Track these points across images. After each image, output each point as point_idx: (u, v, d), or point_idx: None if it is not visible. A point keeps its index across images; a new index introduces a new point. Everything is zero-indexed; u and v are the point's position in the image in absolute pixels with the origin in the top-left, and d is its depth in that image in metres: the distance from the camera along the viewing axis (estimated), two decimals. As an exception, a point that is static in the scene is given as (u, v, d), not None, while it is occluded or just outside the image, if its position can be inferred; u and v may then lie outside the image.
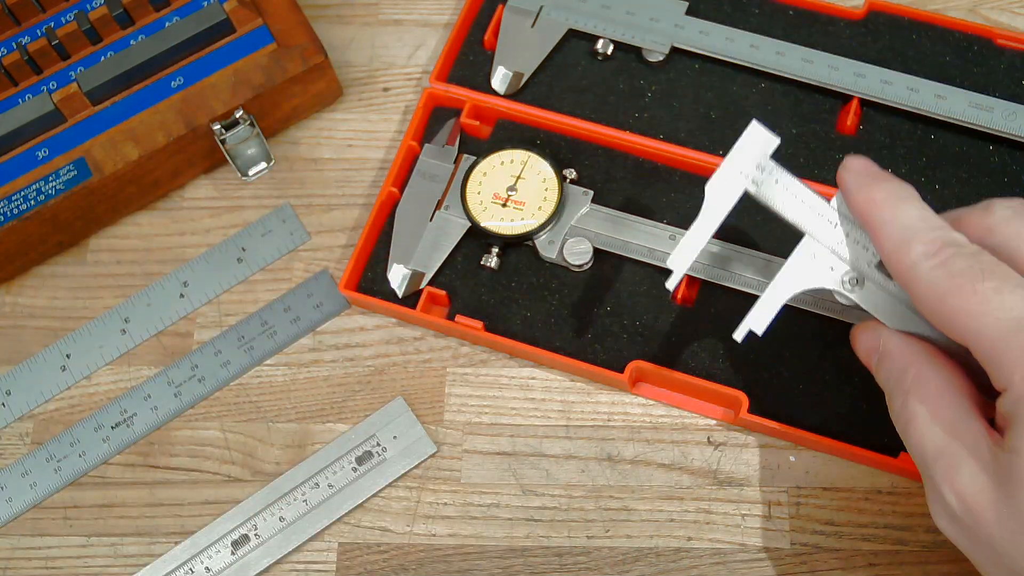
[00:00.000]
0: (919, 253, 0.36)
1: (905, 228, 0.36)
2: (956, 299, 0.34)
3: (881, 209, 0.37)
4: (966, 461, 0.35)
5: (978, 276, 0.34)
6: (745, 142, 0.39)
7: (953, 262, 0.35)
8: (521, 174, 0.51)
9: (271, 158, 0.55)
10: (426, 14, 0.59)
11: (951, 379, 0.37)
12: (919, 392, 0.37)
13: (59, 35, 0.53)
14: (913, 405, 0.37)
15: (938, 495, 0.36)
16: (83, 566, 0.49)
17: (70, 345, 0.52)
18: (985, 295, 0.34)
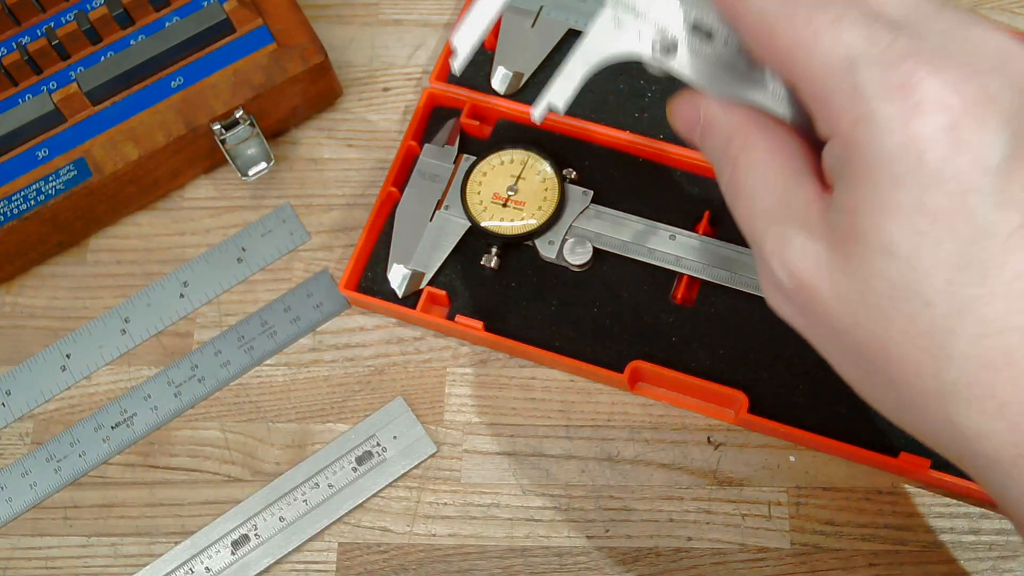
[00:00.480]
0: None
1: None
2: (787, 29, 0.30)
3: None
4: (796, 230, 0.31)
5: (815, 4, 0.30)
6: None
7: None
8: (521, 174, 0.51)
9: (271, 158, 0.55)
10: (426, 14, 0.59)
11: (781, 142, 0.33)
12: (746, 158, 0.33)
13: (59, 35, 0.53)
14: (740, 174, 0.33)
15: (769, 271, 0.32)
16: (83, 566, 0.49)
17: (70, 345, 0.52)
18: (819, 27, 0.29)
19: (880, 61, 0.28)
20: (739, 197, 0.34)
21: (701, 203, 0.51)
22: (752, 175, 0.33)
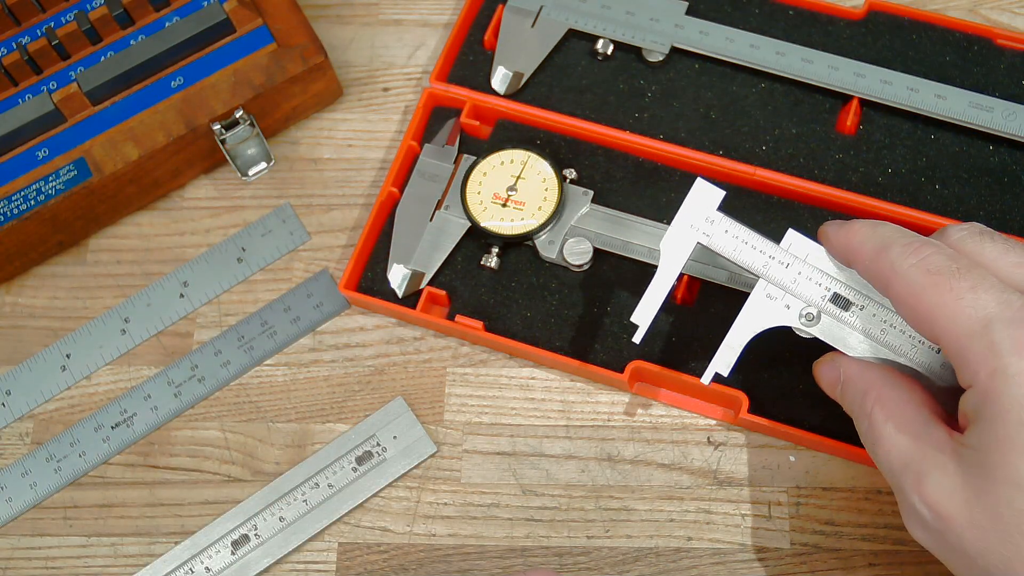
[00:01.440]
0: (897, 254, 0.37)
1: (882, 238, 0.38)
2: (932, 295, 0.35)
3: (858, 233, 0.39)
4: (932, 468, 0.36)
5: (955, 274, 0.35)
6: (693, 198, 0.42)
7: (931, 259, 0.36)
8: (521, 174, 0.51)
9: (271, 158, 0.56)
10: (426, 14, 0.59)
11: (910, 394, 0.38)
12: (881, 411, 0.38)
13: (59, 35, 0.53)
14: (877, 424, 0.38)
15: (909, 506, 0.37)
16: (83, 566, 0.49)
17: (70, 345, 0.52)
18: (960, 292, 0.35)
19: (1012, 321, 0.34)
20: (877, 443, 0.38)
21: (701, 203, 0.51)
22: (887, 426, 0.38)
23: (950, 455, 0.35)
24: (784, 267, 0.41)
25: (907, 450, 0.37)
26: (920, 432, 0.37)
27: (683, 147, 0.52)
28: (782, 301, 0.41)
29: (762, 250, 0.41)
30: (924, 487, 0.36)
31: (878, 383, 0.39)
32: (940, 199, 0.50)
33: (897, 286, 0.37)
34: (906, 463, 0.37)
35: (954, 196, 0.50)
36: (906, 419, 0.38)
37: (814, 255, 0.41)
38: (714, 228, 0.42)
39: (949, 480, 0.35)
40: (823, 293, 0.41)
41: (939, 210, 0.49)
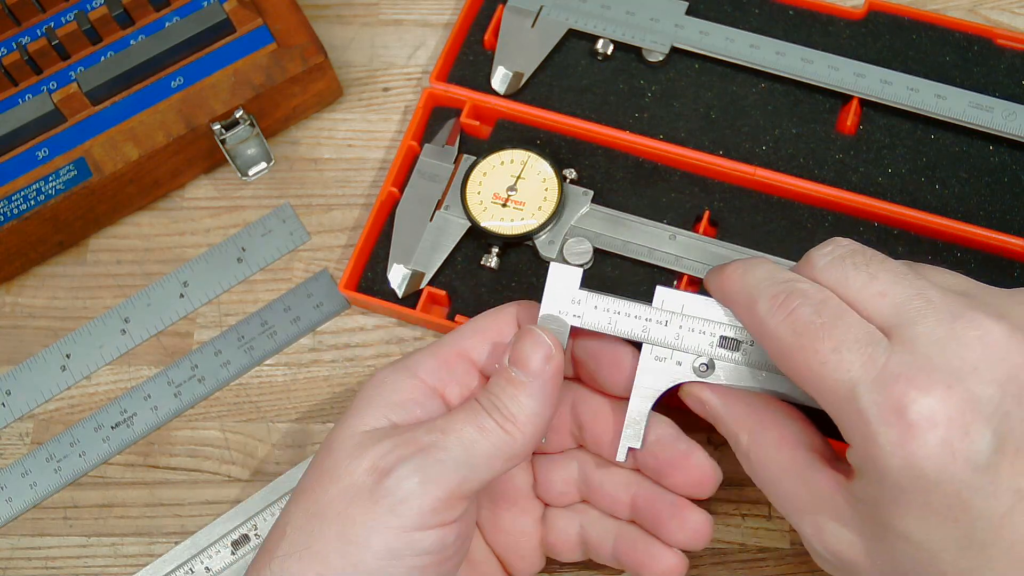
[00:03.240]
0: (764, 309, 0.36)
1: (751, 288, 0.37)
2: (799, 358, 0.34)
3: (732, 280, 0.38)
4: (829, 518, 0.36)
5: (819, 332, 0.34)
6: (552, 284, 0.40)
7: (798, 314, 0.35)
8: (521, 174, 0.51)
9: (271, 158, 0.56)
10: (426, 14, 0.59)
11: (784, 431, 0.38)
12: (758, 456, 0.38)
13: (59, 35, 0.53)
14: (759, 468, 0.38)
15: (812, 550, 0.37)
16: (83, 566, 0.49)
17: (70, 345, 0.52)
18: (824, 355, 0.34)
19: (876, 384, 0.33)
20: (765, 487, 0.38)
21: (701, 203, 0.51)
22: (769, 471, 0.38)
23: (843, 503, 0.35)
24: (663, 326, 0.40)
25: (798, 497, 0.37)
26: (806, 477, 0.36)
27: (683, 147, 0.52)
28: (672, 359, 0.40)
29: (637, 315, 0.40)
30: (825, 536, 0.36)
31: (746, 423, 0.38)
32: (940, 199, 0.50)
33: (768, 344, 0.36)
34: (800, 510, 0.37)
35: (954, 196, 0.50)
36: (788, 464, 0.37)
37: (689, 305, 0.40)
38: (583, 308, 0.40)
39: (847, 530, 0.35)
40: (710, 340, 0.39)
41: (939, 210, 0.49)
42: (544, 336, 0.38)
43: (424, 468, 0.35)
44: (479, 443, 0.36)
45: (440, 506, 0.35)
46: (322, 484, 0.36)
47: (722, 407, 0.39)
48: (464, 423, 0.36)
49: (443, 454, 0.36)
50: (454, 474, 0.35)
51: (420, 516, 0.35)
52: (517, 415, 0.37)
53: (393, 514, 0.35)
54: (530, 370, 0.37)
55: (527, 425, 0.37)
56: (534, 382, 0.37)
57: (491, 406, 0.37)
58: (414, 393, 0.39)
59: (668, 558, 0.41)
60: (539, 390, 0.37)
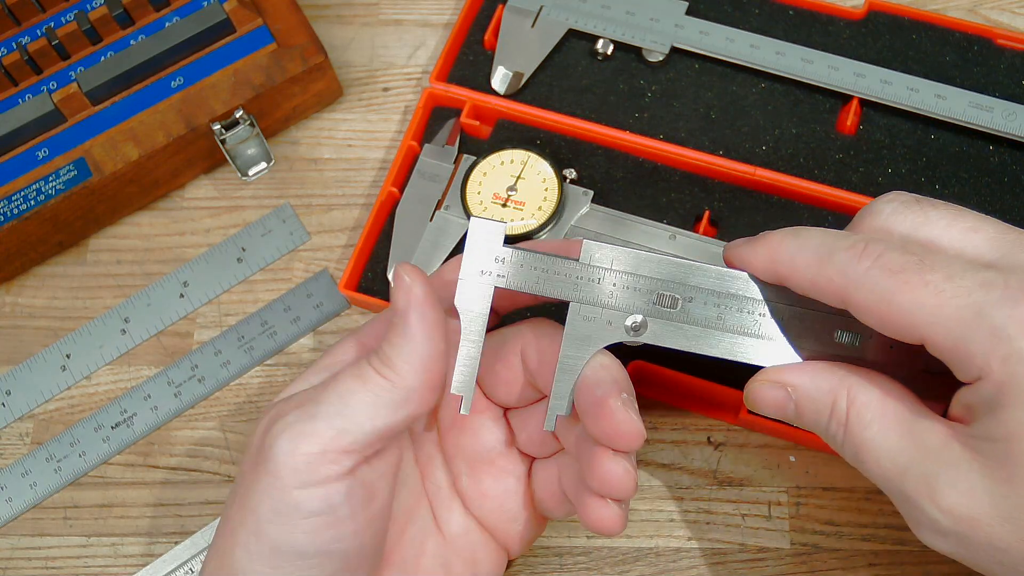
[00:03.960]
0: (845, 259, 0.33)
1: (818, 247, 0.34)
2: (906, 295, 0.32)
3: (783, 245, 0.35)
4: (942, 468, 0.32)
5: (921, 267, 0.32)
6: (472, 241, 0.37)
7: (887, 258, 0.33)
8: (521, 174, 0.51)
9: (271, 158, 0.56)
10: (426, 14, 0.59)
11: (885, 387, 0.35)
12: (859, 415, 0.34)
13: (59, 35, 0.53)
14: (857, 432, 0.34)
15: (920, 513, 0.33)
16: (83, 566, 0.49)
17: (70, 345, 0.52)
18: (937, 285, 0.32)
19: (1004, 301, 0.31)
20: (863, 453, 0.34)
21: (701, 203, 0.51)
22: (871, 430, 0.34)
23: (961, 451, 0.32)
24: (595, 283, 0.37)
25: (903, 453, 0.33)
26: (913, 429, 0.33)
27: (683, 147, 0.52)
28: (602, 318, 0.37)
29: (567, 273, 0.37)
30: (937, 491, 0.32)
31: (844, 384, 0.35)
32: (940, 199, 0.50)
33: (858, 296, 0.33)
34: (904, 468, 0.33)
35: (954, 196, 0.50)
36: (892, 418, 0.34)
37: (619, 259, 0.37)
38: (507, 267, 0.37)
39: (966, 478, 0.32)
40: (646, 298, 0.37)
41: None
42: (403, 272, 0.36)
43: (295, 424, 0.34)
44: (356, 393, 0.34)
45: (316, 461, 0.33)
46: (242, 469, 0.36)
47: (811, 380, 0.36)
48: (346, 376, 0.35)
49: (316, 409, 0.34)
50: (327, 428, 0.34)
51: (295, 473, 0.33)
52: (393, 358, 0.34)
53: (271, 475, 0.34)
54: (396, 309, 0.35)
55: (405, 368, 0.34)
56: (401, 320, 0.35)
57: (372, 355, 0.35)
58: (347, 354, 0.38)
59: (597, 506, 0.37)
60: (408, 328, 0.35)
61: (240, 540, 0.35)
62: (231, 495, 0.36)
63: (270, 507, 0.34)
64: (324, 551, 0.34)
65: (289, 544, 0.34)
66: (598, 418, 0.35)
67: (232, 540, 0.35)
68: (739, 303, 0.37)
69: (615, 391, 0.36)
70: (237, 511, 0.35)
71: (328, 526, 0.34)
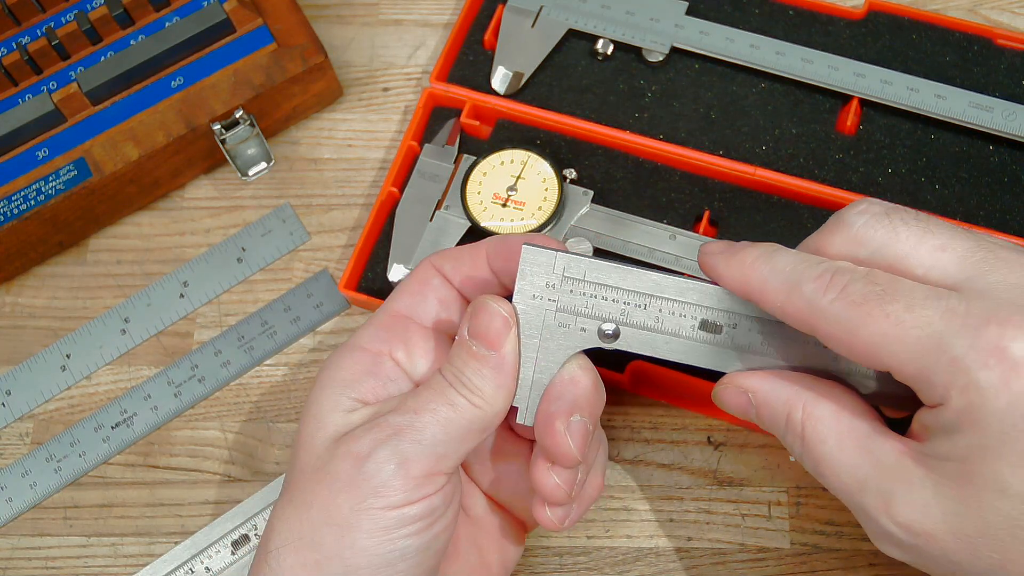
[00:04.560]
0: (811, 291, 0.34)
1: (787, 274, 0.35)
2: (869, 327, 0.33)
3: (755, 268, 0.36)
4: (898, 485, 0.34)
5: (883, 298, 0.33)
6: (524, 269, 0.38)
7: (851, 289, 0.33)
8: (521, 174, 0.51)
9: (271, 158, 0.56)
10: (426, 14, 0.59)
11: (840, 402, 0.36)
12: (815, 430, 0.36)
13: (59, 35, 0.53)
14: (814, 445, 0.36)
15: (876, 526, 0.34)
16: (83, 566, 0.49)
17: (70, 345, 0.52)
18: (898, 316, 0.32)
19: (965, 330, 0.31)
20: (821, 466, 0.36)
21: (701, 203, 0.51)
22: (826, 445, 0.35)
23: (915, 468, 0.33)
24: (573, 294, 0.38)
25: (859, 469, 0.34)
26: (868, 446, 0.35)
27: (683, 147, 0.52)
28: (576, 325, 0.38)
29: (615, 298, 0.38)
30: (894, 507, 0.34)
31: (800, 398, 0.36)
32: (940, 199, 0.50)
33: (824, 327, 0.34)
34: (862, 483, 0.34)
35: (954, 196, 0.50)
36: (847, 434, 0.35)
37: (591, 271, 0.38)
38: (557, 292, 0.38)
39: (921, 495, 0.33)
40: (620, 308, 0.38)
41: (939, 210, 0.49)
42: (497, 307, 0.37)
43: (401, 451, 0.35)
44: (453, 420, 0.36)
45: (422, 483, 0.36)
46: (304, 479, 0.37)
47: (771, 389, 0.37)
48: (435, 402, 0.36)
49: (418, 435, 0.36)
50: (431, 452, 0.36)
51: (404, 494, 0.35)
52: (483, 388, 0.37)
53: (377, 496, 0.35)
54: (490, 342, 0.37)
55: (495, 396, 0.37)
56: (494, 355, 0.37)
57: (457, 382, 0.37)
58: (362, 364, 0.39)
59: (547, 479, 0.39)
60: (501, 361, 0.37)
61: (328, 551, 0.35)
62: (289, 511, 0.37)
63: (373, 524, 0.35)
64: (424, 548, 0.36)
65: (392, 549, 0.36)
66: (543, 433, 0.37)
67: (314, 551, 0.36)
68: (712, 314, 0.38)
69: (566, 412, 0.37)
70: (325, 528, 0.36)
71: (429, 526, 0.36)
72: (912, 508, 0.33)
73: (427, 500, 0.36)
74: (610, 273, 0.38)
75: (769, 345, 0.38)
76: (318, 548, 0.35)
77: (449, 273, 0.40)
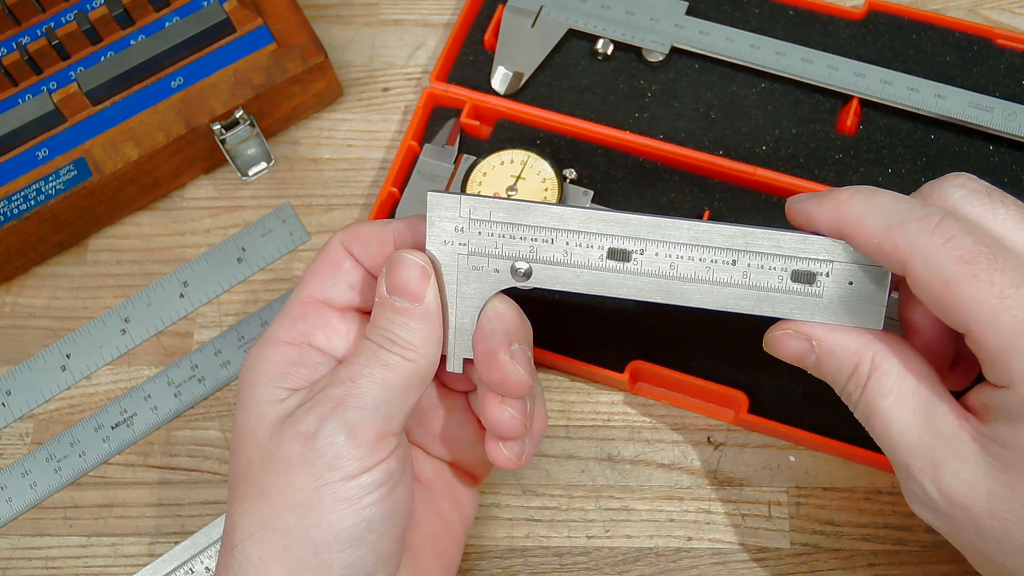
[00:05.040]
0: (915, 230, 0.33)
1: (889, 212, 0.34)
2: (969, 288, 0.32)
3: (850, 205, 0.35)
4: (951, 457, 0.34)
5: (992, 264, 0.32)
6: (432, 215, 0.38)
7: (961, 242, 0.32)
8: (521, 174, 0.51)
9: (271, 158, 0.56)
10: (426, 14, 0.59)
11: (909, 361, 0.35)
12: (877, 383, 0.35)
13: (59, 35, 0.53)
14: (875, 399, 0.35)
15: (918, 487, 0.35)
16: (83, 566, 0.49)
17: (70, 345, 0.52)
18: (1003, 288, 0.31)
19: None
20: (874, 418, 0.35)
21: (701, 203, 0.51)
22: (887, 400, 0.35)
23: (971, 445, 0.33)
24: (481, 235, 0.38)
25: (916, 433, 0.34)
26: (929, 411, 0.34)
27: (683, 147, 0.52)
28: (489, 266, 0.38)
29: (524, 236, 0.38)
30: (941, 476, 0.33)
31: (870, 349, 0.36)
32: (940, 199, 0.50)
33: (922, 271, 0.33)
34: (915, 446, 0.34)
35: (954, 196, 0.50)
36: (910, 394, 0.35)
37: (496, 211, 0.37)
38: (466, 235, 0.38)
39: (971, 472, 0.33)
40: (529, 244, 0.38)
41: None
42: (413, 258, 0.37)
43: (347, 420, 0.35)
44: (391, 380, 0.36)
45: (374, 447, 0.35)
46: (253, 469, 0.36)
47: (837, 339, 0.36)
48: (369, 365, 0.36)
49: (360, 401, 0.36)
50: (376, 415, 0.36)
51: (359, 462, 0.35)
52: (414, 341, 0.36)
53: (333, 470, 0.35)
54: (411, 294, 0.37)
55: (426, 346, 0.37)
56: (418, 306, 0.37)
57: (387, 341, 0.36)
58: (286, 356, 0.38)
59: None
60: (426, 311, 0.37)
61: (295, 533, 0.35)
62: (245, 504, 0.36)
63: (334, 497, 0.35)
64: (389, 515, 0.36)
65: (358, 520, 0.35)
66: (489, 369, 0.37)
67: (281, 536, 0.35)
68: (618, 242, 0.38)
69: (505, 343, 0.37)
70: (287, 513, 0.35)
71: (390, 490, 0.36)
72: (959, 481, 0.33)
73: (383, 464, 0.36)
74: (514, 211, 0.38)
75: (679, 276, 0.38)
76: (284, 533, 0.35)
77: (359, 255, 0.39)
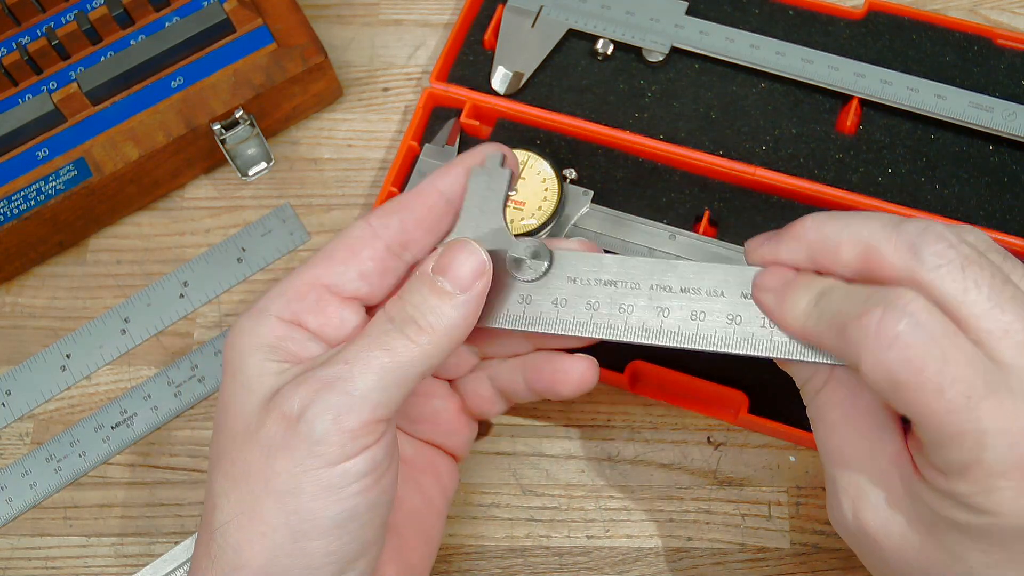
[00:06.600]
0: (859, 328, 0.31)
1: (836, 306, 0.32)
2: (919, 394, 0.30)
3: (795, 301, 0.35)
4: (876, 488, 0.33)
5: (943, 374, 0.30)
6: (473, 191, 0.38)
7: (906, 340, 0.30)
8: (521, 174, 0.51)
9: (271, 158, 0.56)
10: (426, 14, 0.59)
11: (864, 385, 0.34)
12: (834, 393, 0.34)
13: (59, 35, 0.53)
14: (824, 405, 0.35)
15: (837, 502, 0.34)
16: (83, 566, 0.49)
17: (70, 345, 0.52)
18: (953, 400, 0.30)
19: (1005, 436, 0.29)
20: (820, 424, 0.35)
21: (701, 203, 0.51)
22: (835, 412, 0.34)
23: (899, 488, 0.33)
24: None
25: (854, 454, 0.34)
26: (872, 438, 0.33)
27: (683, 147, 0.52)
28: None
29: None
30: (862, 504, 0.33)
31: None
32: (940, 199, 0.50)
33: (871, 374, 0.31)
34: (847, 464, 0.34)
35: (954, 196, 0.50)
36: (860, 415, 0.34)
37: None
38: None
39: (890, 512, 0.33)
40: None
41: (939, 210, 0.49)
42: (480, 250, 0.35)
43: (331, 405, 0.33)
44: (388, 365, 0.34)
45: (358, 434, 0.34)
46: (235, 446, 0.35)
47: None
48: (368, 348, 0.34)
49: (349, 386, 0.34)
50: (366, 403, 0.34)
51: (341, 448, 0.33)
52: (435, 325, 0.34)
53: (313, 456, 0.33)
54: (459, 281, 0.35)
55: (444, 337, 0.35)
56: (461, 295, 0.35)
57: (407, 319, 0.34)
58: (275, 330, 0.37)
59: (577, 365, 0.40)
60: (464, 304, 0.35)
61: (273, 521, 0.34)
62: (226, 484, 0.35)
63: (315, 484, 0.33)
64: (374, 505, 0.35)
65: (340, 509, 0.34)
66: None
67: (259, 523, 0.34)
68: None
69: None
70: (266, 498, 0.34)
71: (375, 480, 0.35)
72: (877, 516, 0.33)
73: (368, 452, 0.34)
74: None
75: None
76: (262, 520, 0.34)
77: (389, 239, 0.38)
